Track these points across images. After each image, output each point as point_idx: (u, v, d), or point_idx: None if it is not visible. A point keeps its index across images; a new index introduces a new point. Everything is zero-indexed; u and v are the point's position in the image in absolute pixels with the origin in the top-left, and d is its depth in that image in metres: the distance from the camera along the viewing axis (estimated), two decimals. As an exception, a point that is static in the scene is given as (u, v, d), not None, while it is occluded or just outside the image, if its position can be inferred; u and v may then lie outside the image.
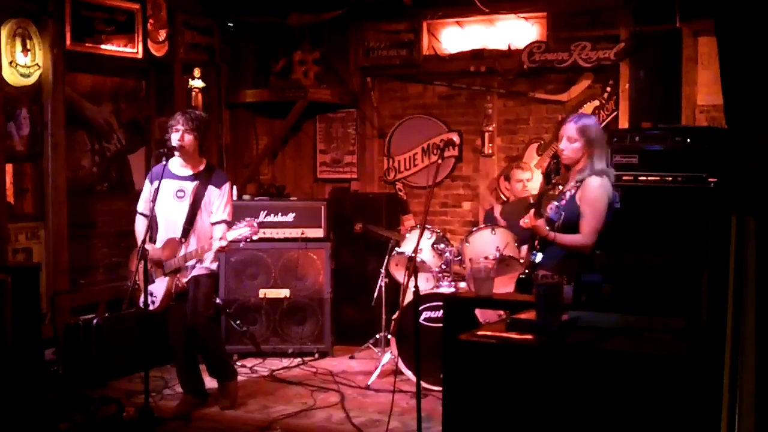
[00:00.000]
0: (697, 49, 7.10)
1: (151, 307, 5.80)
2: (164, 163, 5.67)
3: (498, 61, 8.02)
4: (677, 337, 3.30)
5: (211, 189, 5.87)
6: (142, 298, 5.75)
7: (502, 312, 5.13)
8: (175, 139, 5.77)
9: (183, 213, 5.81)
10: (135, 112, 7.65)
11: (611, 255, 4.57)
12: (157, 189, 5.61)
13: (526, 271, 4.79)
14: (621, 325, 3.50)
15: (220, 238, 5.70)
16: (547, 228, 4.81)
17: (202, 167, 5.93)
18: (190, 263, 5.82)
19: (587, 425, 3.18)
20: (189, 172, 5.89)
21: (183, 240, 5.80)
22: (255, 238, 5.79)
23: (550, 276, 4.78)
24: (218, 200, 5.88)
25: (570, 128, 4.88)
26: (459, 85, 8.30)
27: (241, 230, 5.70)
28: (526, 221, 4.88)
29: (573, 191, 4.81)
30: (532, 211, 4.87)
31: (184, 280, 5.83)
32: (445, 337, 4.61)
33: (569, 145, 4.87)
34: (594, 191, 4.76)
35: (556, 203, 4.90)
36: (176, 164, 5.89)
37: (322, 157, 8.98)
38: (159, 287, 5.80)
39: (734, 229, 2.65)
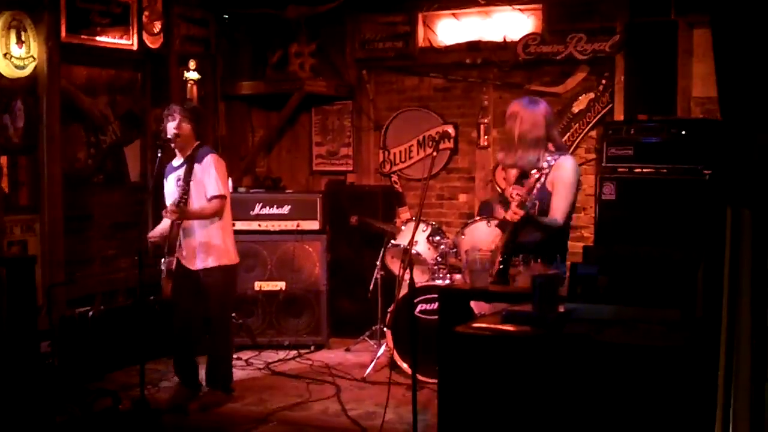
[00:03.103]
0: (692, 41, 7.10)
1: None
2: (159, 155, 5.69)
3: (494, 53, 8.01)
4: (672, 329, 3.31)
5: (196, 167, 5.81)
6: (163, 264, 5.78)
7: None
8: (171, 127, 5.76)
9: (179, 198, 5.81)
10: (131, 104, 7.63)
11: (607, 247, 4.58)
12: (156, 187, 5.65)
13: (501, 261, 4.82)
14: (617, 316, 3.51)
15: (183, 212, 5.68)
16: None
17: (191, 150, 5.90)
18: (192, 245, 5.83)
19: (583, 417, 3.19)
20: (181, 159, 5.89)
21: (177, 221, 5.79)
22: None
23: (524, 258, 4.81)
24: (205, 175, 5.79)
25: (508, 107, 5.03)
26: (455, 77, 8.30)
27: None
28: (514, 215, 4.86)
29: (543, 178, 4.78)
30: (516, 204, 4.85)
31: (200, 265, 5.84)
32: (441, 329, 4.62)
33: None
34: (568, 172, 4.81)
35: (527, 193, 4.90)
36: (175, 158, 5.94)
37: (317, 150, 8.97)
38: (163, 273, 5.80)
39: (729, 221, 2.65)
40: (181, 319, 5.95)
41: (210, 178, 5.79)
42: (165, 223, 5.86)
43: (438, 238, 6.73)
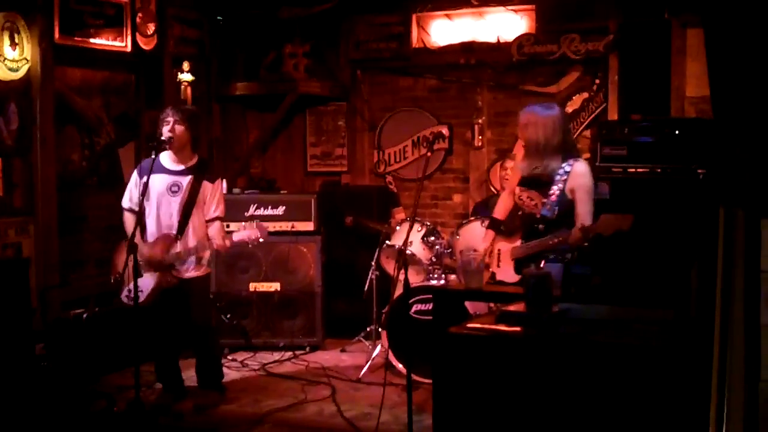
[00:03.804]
0: (685, 40, 7.10)
1: (139, 301, 5.75)
2: (153, 157, 5.63)
3: (488, 54, 8.01)
4: (666, 329, 3.32)
5: (206, 184, 5.84)
6: (125, 292, 5.73)
7: (492, 303, 5.15)
8: (166, 131, 5.75)
9: (177, 208, 5.78)
10: (125, 106, 7.63)
11: (600, 246, 4.58)
12: (146, 184, 5.60)
13: None
14: (610, 316, 3.52)
15: (224, 238, 5.73)
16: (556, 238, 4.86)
17: (194, 161, 5.91)
18: (188, 260, 5.81)
19: (577, 416, 3.20)
20: (182, 166, 5.87)
21: (178, 237, 5.78)
22: (261, 240, 5.85)
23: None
24: (212, 196, 5.85)
25: (520, 116, 5.09)
26: (449, 78, 8.30)
27: (246, 232, 5.74)
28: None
29: (560, 184, 4.85)
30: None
31: (186, 275, 5.82)
32: (436, 329, 4.62)
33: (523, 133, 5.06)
34: (584, 177, 4.90)
35: (545, 200, 4.93)
36: (168, 159, 5.86)
37: (312, 151, 8.97)
38: (147, 282, 5.75)
39: (722, 221, 2.66)
40: (164, 325, 5.96)
41: (217, 199, 5.88)
42: (132, 223, 5.79)
43: (433, 238, 6.73)
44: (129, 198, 5.90)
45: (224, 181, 7.66)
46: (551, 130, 4.95)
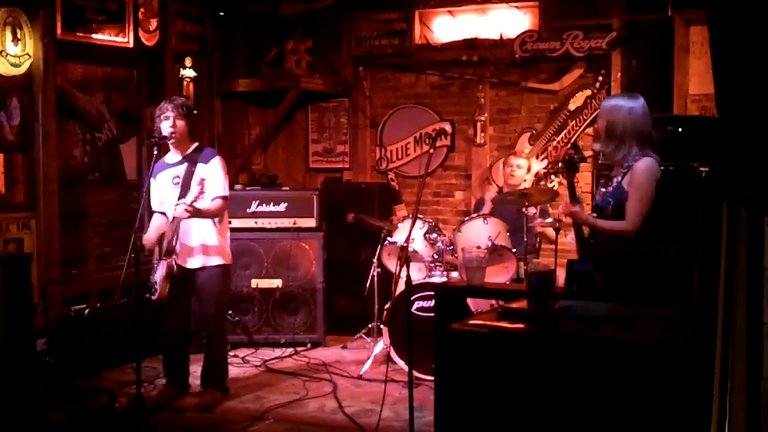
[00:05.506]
0: (688, 38, 7.10)
1: (153, 297, 5.72)
2: (155, 153, 5.63)
3: (490, 51, 8.01)
4: (668, 326, 3.32)
5: (200, 166, 5.79)
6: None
7: (494, 301, 5.14)
8: (166, 126, 5.73)
9: (176, 197, 5.78)
10: (126, 102, 7.62)
11: (603, 244, 4.57)
12: (148, 187, 5.62)
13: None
14: (612, 314, 3.51)
15: (197, 212, 5.62)
16: (592, 214, 4.64)
17: (191, 149, 5.90)
18: (192, 250, 5.81)
19: (579, 413, 3.19)
20: (180, 156, 5.86)
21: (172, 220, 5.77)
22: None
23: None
24: (208, 176, 5.76)
25: (600, 109, 4.73)
26: (451, 75, 8.29)
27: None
28: (561, 211, 4.78)
29: (620, 177, 4.59)
30: (566, 199, 4.74)
31: (192, 266, 5.81)
32: (437, 326, 4.62)
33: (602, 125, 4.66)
34: (641, 175, 4.49)
35: (603, 190, 4.73)
36: (170, 153, 5.90)
37: (314, 147, 8.97)
38: (159, 273, 5.75)
39: (725, 218, 2.65)
40: (173, 319, 5.94)
41: (216, 179, 5.80)
42: (156, 223, 5.83)
43: (434, 235, 6.72)
44: (155, 200, 5.93)
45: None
46: (630, 119, 4.63)
